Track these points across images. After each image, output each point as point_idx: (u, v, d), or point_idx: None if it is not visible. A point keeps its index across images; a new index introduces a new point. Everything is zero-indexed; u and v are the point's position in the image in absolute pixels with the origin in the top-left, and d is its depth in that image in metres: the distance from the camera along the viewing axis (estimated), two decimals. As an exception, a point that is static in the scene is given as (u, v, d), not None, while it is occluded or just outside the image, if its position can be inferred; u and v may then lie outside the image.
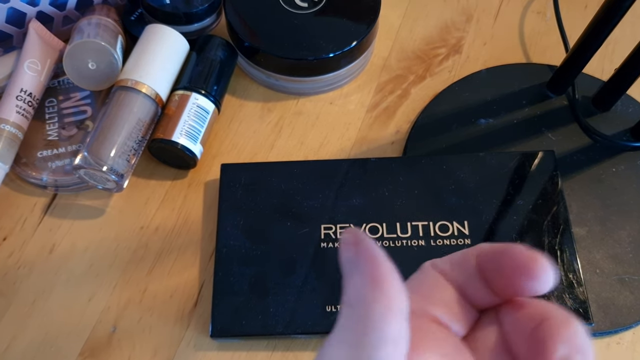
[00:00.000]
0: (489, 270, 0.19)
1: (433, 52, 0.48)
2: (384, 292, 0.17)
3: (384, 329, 0.16)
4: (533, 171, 0.40)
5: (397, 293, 0.17)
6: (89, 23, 0.42)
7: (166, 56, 0.41)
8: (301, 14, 0.44)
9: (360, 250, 0.17)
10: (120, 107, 0.39)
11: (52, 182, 0.41)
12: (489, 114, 0.44)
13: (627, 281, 0.38)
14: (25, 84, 0.41)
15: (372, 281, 0.17)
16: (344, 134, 0.44)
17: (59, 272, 0.39)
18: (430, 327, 0.19)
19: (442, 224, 0.38)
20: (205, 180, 0.42)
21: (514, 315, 0.18)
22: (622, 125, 0.43)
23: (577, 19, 0.48)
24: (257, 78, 0.46)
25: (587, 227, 0.39)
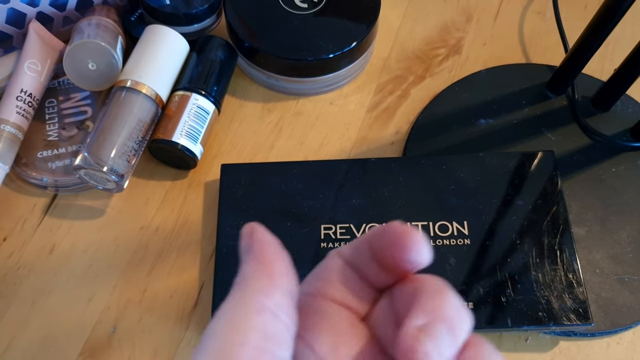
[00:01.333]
0: (376, 249, 0.20)
1: (433, 53, 0.48)
2: (267, 270, 0.18)
3: (263, 300, 0.18)
4: (533, 171, 0.40)
5: (281, 273, 0.18)
6: (89, 23, 0.42)
7: (166, 57, 0.41)
8: (301, 15, 0.44)
9: (253, 238, 0.19)
10: (120, 107, 0.39)
11: (52, 183, 0.41)
12: (488, 114, 0.44)
13: (626, 281, 0.38)
14: (26, 84, 0.41)
15: (258, 262, 0.19)
16: (344, 135, 0.44)
17: (58, 272, 0.39)
18: (328, 308, 0.20)
19: (442, 224, 0.38)
20: (205, 181, 0.42)
21: (400, 290, 0.20)
22: (622, 126, 0.43)
23: (577, 19, 0.48)
24: (257, 78, 0.46)
25: (586, 227, 0.39)
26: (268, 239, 0.20)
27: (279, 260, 0.19)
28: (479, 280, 0.36)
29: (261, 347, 0.17)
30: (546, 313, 0.35)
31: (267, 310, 0.17)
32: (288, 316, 0.18)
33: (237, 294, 0.18)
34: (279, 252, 0.19)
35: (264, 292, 0.18)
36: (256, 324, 0.17)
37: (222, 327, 0.17)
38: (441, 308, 0.17)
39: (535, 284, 0.36)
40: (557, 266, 0.36)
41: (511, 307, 0.35)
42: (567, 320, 0.35)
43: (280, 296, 0.18)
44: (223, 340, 0.17)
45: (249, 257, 0.19)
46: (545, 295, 0.35)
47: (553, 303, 0.35)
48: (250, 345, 0.17)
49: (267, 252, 0.19)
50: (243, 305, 0.18)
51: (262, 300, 0.18)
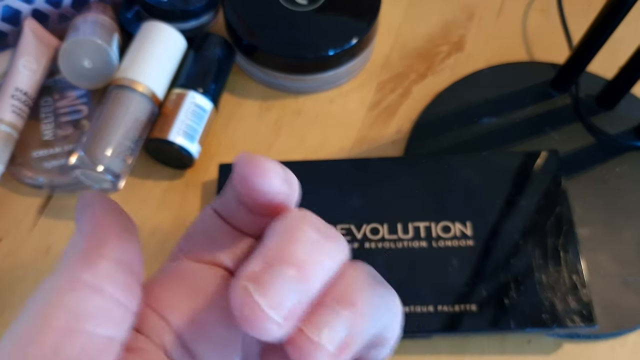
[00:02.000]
0: (236, 188, 0.17)
1: (434, 50, 0.47)
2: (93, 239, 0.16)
3: (80, 273, 0.15)
4: (536, 171, 0.39)
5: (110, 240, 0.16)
6: (85, 21, 0.42)
7: (163, 54, 0.41)
8: (300, 12, 0.44)
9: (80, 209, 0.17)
10: (116, 106, 0.38)
11: (47, 183, 0.40)
12: (491, 113, 0.43)
13: (631, 283, 0.37)
14: (20, 82, 0.41)
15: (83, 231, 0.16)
16: (344, 133, 0.44)
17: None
18: (190, 272, 0.18)
19: (444, 225, 0.37)
20: (203, 181, 0.42)
21: (266, 231, 0.17)
22: (626, 125, 0.43)
23: (581, 16, 0.48)
24: (255, 76, 0.46)
25: (590, 228, 0.39)
26: (99, 203, 0.17)
27: (110, 225, 0.17)
28: (482, 282, 0.35)
29: (71, 327, 0.15)
30: (549, 315, 0.34)
31: (83, 285, 0.15)
32: (118, 288, 0.16)
33: (54, 273, 0.16)
34: (110, 217, 0.17)
35: (85, 264, 0.15)
36: (66, 302, 0.15)
37: (28, 310, 0.15)
38: (283, 248, 0.15)
39: (538, 285, 0.35)
40: (560, 267, 0.36)
41: (514, 309, 0.35)
42: (570, 322, 0.34)
43: (106, 266, 0.16)
44: (27, 325, 0.15)
45: (76, 231, 0.17)
46: (548, 297, 0.35)
47: (556, 305, 0.35)
48: (55, 328, 0.14)
49: (95, 218, 0.17)
50: (56, 282, 0.15)
51: (78, 274, 0.15)
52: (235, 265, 0.18)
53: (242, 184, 0.16)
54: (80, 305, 0.15)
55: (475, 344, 0.36)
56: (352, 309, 0.14)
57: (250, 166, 0.16)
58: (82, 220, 0.17)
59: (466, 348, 0.36)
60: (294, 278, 0.14)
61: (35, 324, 0.15)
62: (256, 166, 0.16)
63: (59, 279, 0.15)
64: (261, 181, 0.16)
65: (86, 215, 0.17)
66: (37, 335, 0.14)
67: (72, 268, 0.16)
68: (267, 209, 0.17)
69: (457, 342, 0.37)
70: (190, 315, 0.17)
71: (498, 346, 0.36)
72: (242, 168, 0.16)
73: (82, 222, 0.17)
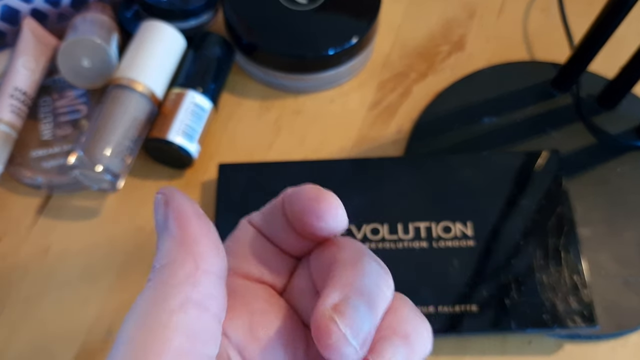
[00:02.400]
0: (289, 215, 0.18)
1: (435, 50, 0.47)
2: (191, 252, 0.16)
3: (187, 291, 0.15)
4: (537, 171, 0.39)
5: (209, 253, 0.16)
6: (84, 20, 0.42)
7: (162, 53, 0.41)
8: (300, 11, 0.44)
9: (170, 210, 0.16)
10: (115, 106, 0.38)
11: (46, 183, 0.40)
12: (492, 113, 0.43)
13: (632, 283, 0.37)
14: (19, 82, 0.41)
15: (179, 242, 0.16)
16: (345, 133, 0.44)
17: (53, 274, 0.38)
18: (241, 288, 0.18)
19: (445, 225, 0.37)
20: (203, 181, 0.42)
21: (317, 258, 0.18)
22: (628, 124, 0.43)
23: (582, 15, 0.48)
24: (255, 76, 0.45)
25: (592, 228, 0.39)
26: (188, 208, 0.16)
27: (205, 235, 0.16)
28: (483, 283, 0.35)
29: (186, 349, 0.15)
30: (550, 315, 0.34)
31: (192, 304, 0.15)
32: (218, 305, 0.16)
33: (155, 285, 0.15)
34: (203, 223, 0.16)
35: (189, 282, 0.15)
36: (179, 323, 0.15)
37: (138, 329, 0.15)
38: (357, 279, 0.16)
39: (539, 286, 0.35)
40: (561, 268, 0.36)
41: (515, 309, 0.35)
42: (571, 322, 0.34)
43: (208, 283, 0.16)
44: (139, 346, 0.14)
45: (166, 235, 0.16)
46: (549, 298, 0.35)
47: (557, 305, 0.35)
48: (173, 350, 0.14)
49: (188, 227, 0.16)
50: (163, 300, 0.15)
51: (186, 293, 0.15)
52: (281, 284, 0.19)
53: (307, 218, 0.17)
54: (193, 325, 0.15)
55: (475, 345, 0.36)
56: (406, 341, 0.16)
57: (320, 205, 0.17)
58: (170, 223, 0.16)
59: (467, 349, 0.36)
60: (367, 308, 0.15)
61: (151, 346, 0.14)
62: (327, 207, 0.17)
63: (163, 298, 0.15)
64: (330, 223, 0.17)
65: (174, 217, 0.16)
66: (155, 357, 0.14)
67: (176, 287, 0.15)
68: (320, 237, 0.18)
69: (458, 342, 0.36)
70: (249, 332, 0.17)
71: (499, 347, 0.36)
72: (311, 204, 0.17)
73: (171, 226, 0.16)
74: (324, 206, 0.17)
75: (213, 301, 0.16)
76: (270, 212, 0.19)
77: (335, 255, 0.17)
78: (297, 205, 0.17)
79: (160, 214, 0.16)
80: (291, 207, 0.18)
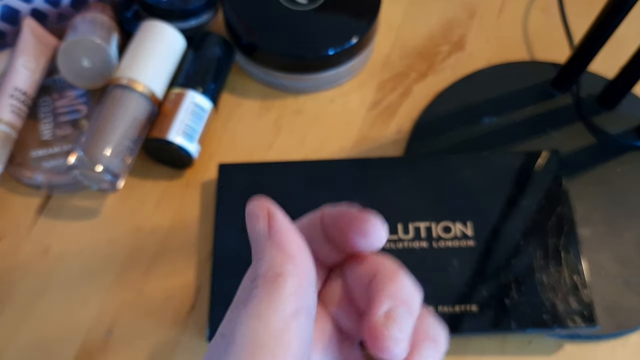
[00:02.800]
0: (330, 230, 0.20)
1: (435, 49, 0.47)
2: (299, 267, 0.18)
3: (299, 301, 0.17)
4: (537, 171, 0.39)
5: (309, 267, 0.18)
6: (84, 20, 0.42)
7: (162, 53, 0.41)
8: (300, 11, 0.43)
9: (274, 223, 0.18)
10: (115, 106, 0.38)
11: (46, 183, 0.40)
12: (492, 113, 0.43)
13: (632, 283, 0.37)
14: (19, 82, 0.41)
15: (288, 255, 0.18)
16: (345, 133, 0.44)
17: (53, 274, 0.38)
18: None
19: (445, 225, 0.37)
20: (203, 181, 0.42)
21: (354, 270, 0.20)
22: (628, 124, 0.43)
23: (582, 15, 0.48)
24: (255, 76, 0.45)
25: (592, 228, 0.39)
26: (288, 223, 0.19)
27: (306, 253, 0.18)
28: (483, 283, 0.35)
29: (299, 353, 0.17)
30: (550, 315, 0.34)
31: (303, 312, 0.17)
32: (314, 311, 0.18)
33: (268, 292, 0.17)
34: (299, 237, 0.19)
35: (300, 292, 0.17)
36: (296, 329, 0.17)
37: (260, 333, 0.16)
38: (400, 291, 0.19)
39: (539, 286, 0.35)
40: (561, 268, 0.36)
41: (515, 309, 0.35)
42: (571, 322, 0.34)
43: (311, 293, 0.18)
44: (264, 350, 0.16)
45: (272, 247, 0.18)
46: (549, 298, 0.35)
47: (557, 305, 0.34)
48: (292, 353, 0.16)
49: (293, 241, 0.18)
50: (279, 308, 0.17)
51: (298, 302, 0.17)
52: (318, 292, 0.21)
53: (352, 235, 0.19)
54: (305, 332, 0.17)
55: (476, 345, 0.36)
56: (435, 342, 0.19)
57: (366, 224, 0.19)
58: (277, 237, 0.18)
59: (467, 349, 0.36)
60: (409, 314, 0.18)
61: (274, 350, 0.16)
62: (372, 227, 0.19)
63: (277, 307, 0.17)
64: (373, 242, 0.19)
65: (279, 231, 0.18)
66: None
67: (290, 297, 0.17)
68: (358, 252, 0.20)
69: (458, 342, 0.36)
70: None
71: (499, 347, 0.36)
72: (357, 222, 0.19)
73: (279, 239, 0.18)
74: (370, 226, 0.19)
75: (314, 309, 0.18)
76: (308, 226, 0.21)
77: (376, 269, 0.19)
78: (342, 221, 0.20)
79: (262, 226, 0.19)
80: (335, 222, 0.20)
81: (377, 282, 0.19)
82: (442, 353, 0.19)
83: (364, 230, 0.19)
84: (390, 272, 0.19)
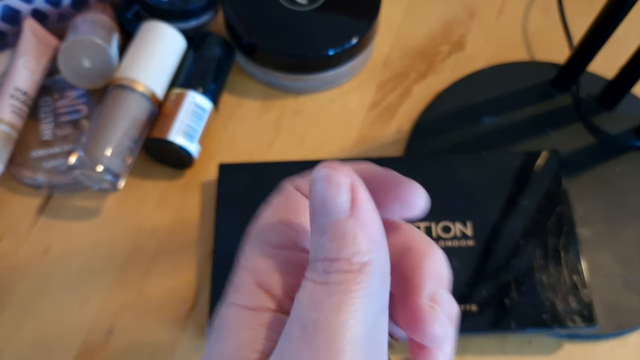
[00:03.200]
0: (370, 188, 0.17)
1: (435, 50, 0.47)
2: (383, 257, 0.16)
3: (386, 295, 0.16)
4: (537, 171, 0.39)
5: (388, 256, 0.17)
6: (84, 20, 0.42)
7: (163, 54, 0.41)
8: (300, 11, 0.44)
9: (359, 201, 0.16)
10: (115, 106, 0.38)
11: (46, 183, 0.40)
12: (492, 113, 0.43)
13: (632, 283, 0.37)
14: (20, 82, 0.41)
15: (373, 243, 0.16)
16: (345, 133, 0.44)
17: (53, 274, 0.38)
18: (292, 257, 0.18)
19: (445, 225, 0.37)
20: (203, 181, 0.42)
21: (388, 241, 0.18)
22: (627, 124, 0.43)
23: (582, 15, 0.48)
24: (255, 76, 0.45)
25: (591, 228, 0.39)
26: (373, 206, 0.16)
27: (384, 236, 0.17)
28: (483, 283, 0.35)
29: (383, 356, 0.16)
30: (550, 315, 0.34)
31: (386, 309, 0.16)
32: None
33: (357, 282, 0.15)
34: (381, 223, 0.17)
35: (386, 286, 0.16)
36: (384, 329, 0.16)
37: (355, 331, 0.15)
38: (438, 270, 0.18)
39: (539, 285, 0.35)
40: (561, 268, 0.36)
41: (515, 309, 0.35)
42: (571, 322, 0.34)
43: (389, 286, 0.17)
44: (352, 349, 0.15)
45: (357, 228, 0.15)
46: (549, 297, 0.35)
47: (557, 305, 0.34)
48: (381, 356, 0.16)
49: (377, 226, 0.16)
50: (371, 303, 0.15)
51: (384, 298, 0.16)
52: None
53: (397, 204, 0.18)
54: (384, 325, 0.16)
55: (475, 345, 0.36)
56: (452, 323, 0.19)
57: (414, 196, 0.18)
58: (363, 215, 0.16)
59: (467, 348, 0.36)
60: (448, 295, 0.18)
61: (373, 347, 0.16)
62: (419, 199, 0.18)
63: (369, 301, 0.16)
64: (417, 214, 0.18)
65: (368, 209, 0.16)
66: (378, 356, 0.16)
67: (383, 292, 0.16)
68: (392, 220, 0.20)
69: (458, 342, 0.36)
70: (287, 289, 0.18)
71: (498, 346, 0.36)
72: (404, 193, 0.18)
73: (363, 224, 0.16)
74: (415, 195, 0.18)
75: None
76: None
77: (410, 243, 0.18)
78: (385, 185, 0.18)
79: (345, 199, 0.16)
80: (378, 183, 0.18)
81: (413, 257, 0.18)
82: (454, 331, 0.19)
83: (408, 198, 0.18)
84: (426, 247, 0.18)
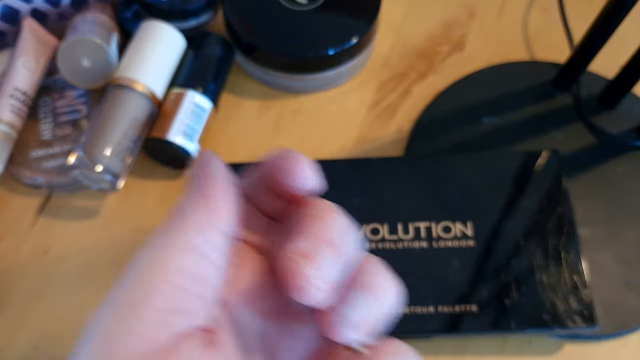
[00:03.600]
0: (266, 176, 0.20)
1: (435, 49, 0.47)
2: (208, 206, 0.17)
3: (195, 237, 0.17)
4: (537, 171, 0.39)
5: (222, 212, 0.17)
6: (84, 20, 0.42)
7: (162, 53, 0.41)
8: (300, 11, 0.43)
9: (202, 168, 0.18)
10: (115, 106, 0.38)
11: (46, 183, 0.40)
12: (492, 113, 0.43)
13: (633, 283, 0.37)
14: (19, 82, 0.41)
15: (199, 195, 0.17)
16: (344, 133, 0.44)
17: (53, 274, 0.38)
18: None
19: (445, 225, 0.37)
20: (203, 181, 0.42)
21: (290, 216, 0.19)
22: (628, 124, 0.43)
23: (582, 15, 0.48)
24: (255, 75, 0.45)
25: (592, 228, 0.39)
26: (219, 174, 0.18)
27: (224, 197, 0.18)
28: (483, 283, 0.35)
29: (186, 287, 0.16)
30: (550, 316, 0.34)
31: (196, 250, 0.17)
32: (220, 258, 0.17)
33: (167, 227, 0.17)
34: (226, 189, 0.18)
35: (198, 229, 0.17)
36: (182, 263, 0.16)
37: (143, 264, 0.17)
38: (324, 230, 0.17)
39: (539, 286, 0.35)
40: (561, 268, 0.36)
41: (515, 309, 0.34)
42: (572, 322, 0.34)
43: (215, 235, 0.17)
44: (142, 278, 0.16)
45: (191, 188, 0.18)
46: (549, 298, 0.35)
47: (557, 305, 0.34)
48: (173, 285, 0.16)
49: (212, 187, 0.18)
50: (171, 242, 0.17)
51: (193, 238, 0.17)
52: (262, 244, 0.20)
53: (281, 177, 0.19)
54: (194, 268, 0.17)
55: (475, 345, 0.36)
56: (372, 294, 0.17)
57: (293, 164, 0.18)
58: (197, 179, 0.18)
59: (466, 349, 0.36)
60: (331, 254, 0.17)
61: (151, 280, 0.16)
62: (299, 167, 0.19)
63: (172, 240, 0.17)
64: (302, 182, 0.19)
65: (203, 174, 0.18)
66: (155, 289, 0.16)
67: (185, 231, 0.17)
68: (294, 197, 0.20)
69: (458, 343, 0.36)
70: (226, 282, 0.18)
71: (499, 347, 0.36)
72: (284, 164, 0.19)
73: (198, 181, 0.18)
74: (296, 165, 0.18)
75: (215, 252, 0.17)
76: (250, 176, 0.20)
77: (306, 211, 0.18)
78: (273, 165, 0.19)
79: (194, 169, 0.18)
80: (269, 168, 0.19)
81: (301, 221, 0.18)
82: (384, 305, 0.18)
83: (289, 170, 0.19)
84: (320, 211, 0.18)
